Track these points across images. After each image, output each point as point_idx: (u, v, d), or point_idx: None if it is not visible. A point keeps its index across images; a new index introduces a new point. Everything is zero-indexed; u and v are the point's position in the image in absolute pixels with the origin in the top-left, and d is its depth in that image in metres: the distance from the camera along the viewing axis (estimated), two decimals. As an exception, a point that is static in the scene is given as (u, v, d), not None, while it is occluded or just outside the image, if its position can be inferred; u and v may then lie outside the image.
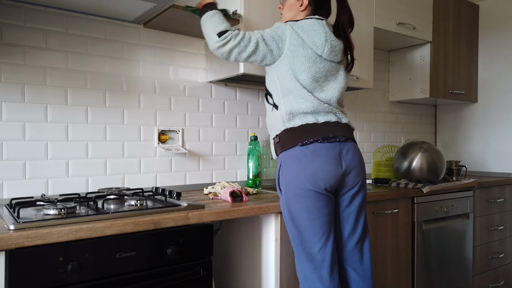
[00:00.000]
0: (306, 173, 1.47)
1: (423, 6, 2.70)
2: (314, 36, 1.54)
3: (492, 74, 3.08)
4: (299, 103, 1.52)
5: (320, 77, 1.56)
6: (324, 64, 1.56)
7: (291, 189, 1.49)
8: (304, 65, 1.52)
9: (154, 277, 1.33)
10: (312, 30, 1.54)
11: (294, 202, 1.49)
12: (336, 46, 1.59)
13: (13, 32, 1.64)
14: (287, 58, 1.53)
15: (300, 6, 1.63)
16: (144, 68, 1.97)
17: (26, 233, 1.10)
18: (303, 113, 1.53)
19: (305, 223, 1.48)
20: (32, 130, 1.68)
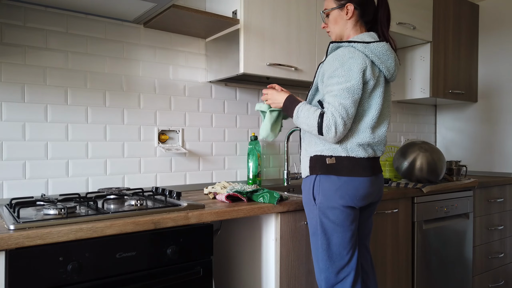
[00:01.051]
0: (347, 188, 1.47)
1: (423, 6, 2.70)
2: (387, 61, 1.47)
3: (492, 74, 3.08)
4: (361, 135, 1.48)
5: (384, 107, 1.53)
6: (387, 87, 1.55)
7: (330, 202, 1.48)
8: (377, 99, 1.47)
9: (154, 277, 1.33)
10: (385, 55, 1.46)
11: (331, 215, 1.48)
12: (396, 65, 1.53)
13: (13, 32, 1.64)
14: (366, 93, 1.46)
15: (346, 14, 1.54)
16: (144, 68, 1.97)
17: (26, 233, 1.10)
18: (362, 146, 1.49)
19: (338, 235, 1.49)
20: (32, 130, 1.68)
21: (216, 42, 2.07)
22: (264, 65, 1.93)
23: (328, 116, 1.40)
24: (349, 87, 1.39)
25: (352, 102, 1.40)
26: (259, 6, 1.92)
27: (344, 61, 1.42)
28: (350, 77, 1.40)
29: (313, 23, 2.13)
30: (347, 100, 1.39)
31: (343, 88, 1.39)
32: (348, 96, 1.39)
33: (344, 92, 1.39)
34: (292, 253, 1.69)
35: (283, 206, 1.64)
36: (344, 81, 1.40)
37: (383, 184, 1.65)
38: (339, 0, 1.55)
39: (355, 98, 1.40)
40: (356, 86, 1.40)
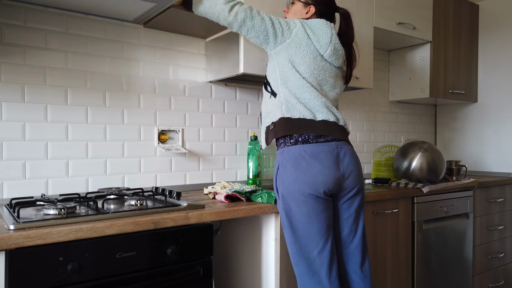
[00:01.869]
0: (305, 177, 1.46)
1: (423, 6, 2.70)
2: (320, 35, 1.57)
3: (492, 74, 3.08)
4: (298, 92, 1.53)
5: (319, 75, 1.57)
6: (324, 63, 1.58)
7: (290, 193, 1.48)
8: (304, 59, 1.55)
9: (154, 277, 1.33)
10: (320, 29, 1.57)
11: (293, 206, 1.48)
12: (339, 50, 1.62)
13: (13, 32, 1.64)
14: (289, 49, 1.55)
15: (306, 13, 1.67)
16: (144, 68, 1.97)
17: (26, 233, 1.10)
18: (301, 104, 1.53)
19: (303, 227, 1.47)
20: (32, 130, 1.68)
21: (216, 42, 2.07)
22: (264, 65, 1.93)
23: (243, 4, 1.56)
24: (277, 17, 1.59)
25: (267, 19, 1.55)
26: (259, 6, 1.92)
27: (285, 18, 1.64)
28: (283, 20, 1.59)
29: (313, 23, 2.12)
30: (267, 15, 1.57)
31: (271, 17, 1.58)
32: (269, 16, 1.57)
33: (267, 16, 1.58)
34: (292, 253, 1.69)
35: (283, 206, 1.64)
36: (276, 17, 1.60)
37: (358, 162, 1.58)
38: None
39: (271, 23, 1.54)
40: (282, 23, 1.56)
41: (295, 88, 1.53)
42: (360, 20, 2.33)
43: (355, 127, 2.88)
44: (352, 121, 2.86)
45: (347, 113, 2.82)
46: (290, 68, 1.54)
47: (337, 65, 1.61)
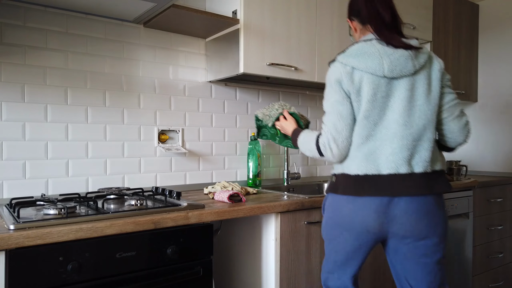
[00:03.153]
0: (341, 208, 1.41)
1: (423, 6, 2.70)
2: (366, 60, 1.33)
3: (492, 74, 3.08)
4: None
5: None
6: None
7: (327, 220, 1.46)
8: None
9: (154, 277, 1.33)
10: (361, 54, 1.34)
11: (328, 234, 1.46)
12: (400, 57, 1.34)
13: (13, 32, 1.64)
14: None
15: (355, 30, 1.52)
16: (144, 68, 1.97)
17: (26, 233, 1.10)
18: None
19: (329, 252, 1.47)
20: (32, 130, 1.68)
21: (216, 42, 2.07)
22: (264, 65, 1.94)
23: (322, 136, 1.39)
24: (332, 102, 1.36)
25: (339, 117, 1.34)
26: (259, 6, 1.92)
27: (327, 79, 1.41)
28: (331, 92, 1.38)
29: (313, 23, 2.13)
30: (334, 116, 1.35)
31: (329, 105, 1.38)
32: (333, 112, 1.35)
33: (330, 108, 1.37)
34: (292, 253, 1.69)
35: (283, 206, 1.64)
36: (328, 98, 1.39)
37: (426, 215, 1.34)
38: (348, 18, 1.53)
39: (340, 111, 1.34)
40: (338, 99, 1.35)
41: None
42: (360, 20, 2.33)
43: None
44: (352, 121, 2.86)
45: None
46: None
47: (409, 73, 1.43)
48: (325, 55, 2.18)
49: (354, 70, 1.34)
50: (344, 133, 1.34)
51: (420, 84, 1.35)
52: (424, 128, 1.34)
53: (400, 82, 1.33)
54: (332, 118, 1.36)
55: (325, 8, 2.18)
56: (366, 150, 1.34)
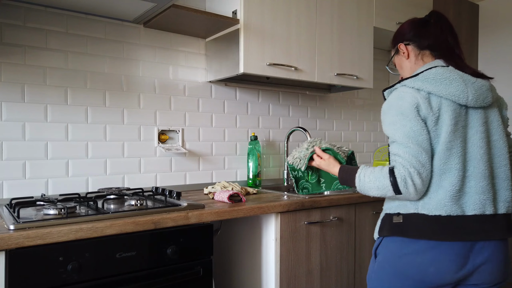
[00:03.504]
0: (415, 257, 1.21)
1: (423, 6, 2.70)
2: (448, 86, 1.21)
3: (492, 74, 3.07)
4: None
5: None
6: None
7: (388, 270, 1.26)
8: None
9: (154, 277, 1.33)
10: (442, 79, 1.22)
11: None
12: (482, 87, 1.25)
13: (13, 32, 1.64)
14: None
15: (403, 54, 1.40)
16: (144, 68, 1.97)
17: (26, 233, 1.10)
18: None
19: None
20: (32, 130, 1.68)
21: (216, 42, 2.07)
22: (264, 65, 1.94)
23: (400, 169, 1.17)
24: (408, 131, 1.19)
25: (419, 147, 1.17)
26: (259, 6, 1.92)
27: (394, 104, 1.24)
28: (403, 119, 1.20)
29: (313, 23, 2.13)
30: (413, 147, 1.17)
31: (404, 134, 1.19)
32: (411, 142, 1.18)
33: (405, 138, 1.19)
34: (292, 253, 1.69)
35: (283, 206, 1.64)
36: (398, 127, 1.21)
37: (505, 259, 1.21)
38: (393, 46, 1.43)
39: (420, 142, 1.18)
40: (416, 128, 1.18)
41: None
42: (360, 20, 2.34)
43: (355, 127, 2.88)
44: (352, 121, 2.86)
45: (347, 113, 2.83)
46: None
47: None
48: (325, 55, 2.18)
49: (431, 96, 1.21)
50: (428, 166, 1.17)
51: (494, 119, 1.26)
52: (503, 165, 1.24)
53: (477, 113, 1.23)
54: (412, 150, 1.17)
55: (325, 8, 2.18)
56: (449, 186, 1.18)
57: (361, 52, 2.35)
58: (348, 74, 2.27)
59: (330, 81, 2.20)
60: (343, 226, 1.88)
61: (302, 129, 2.27)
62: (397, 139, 1.21)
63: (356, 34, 2.32)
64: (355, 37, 2.31)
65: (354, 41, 2.31)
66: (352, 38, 2.30)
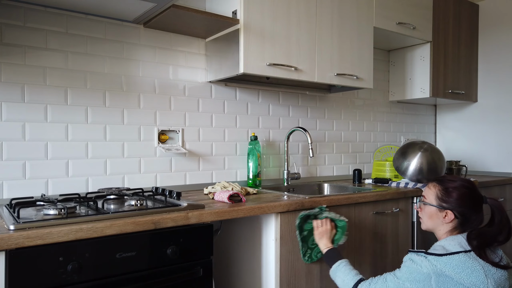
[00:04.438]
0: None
1: (423, 6, 2.70)
2: (466, 277, 1.28)
3: (492, 74, 3.08)
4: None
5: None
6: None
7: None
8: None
9: (154, 277, 1.33)
10: (459, 269, 1.28)
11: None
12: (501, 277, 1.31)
13: (13, 32, 1.64)
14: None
15: (444, 217, 1.43)
16: (144, 68, 1.97)
17: (26, 233, 1.10)
18: None
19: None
20: (32, 130, 1.68)
21: (216, 42, 2.07)
22: (264, 65, 1.94)
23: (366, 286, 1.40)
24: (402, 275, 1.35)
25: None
26: (259, 6, 1.92)
27: (411, 267, 1.35)
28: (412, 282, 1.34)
29: (313, 23, 2.13)
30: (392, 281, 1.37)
31: (395, 275, 1.38)
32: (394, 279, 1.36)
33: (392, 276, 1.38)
34: (292, 253, 1.69)
35: (283, 206, 1.64)
36: (402, 282, 1.36)
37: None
38: (441, 202, 1.44)
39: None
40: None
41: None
42: (360, 20, 2.33)
43: (355, 127, 2.88)
44: (352, 121, 2.86)
45: (347, 113, 2.83)
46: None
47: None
48: (325, 55, 2.18)
49: (450, 280, 1.29)
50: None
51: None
52: None
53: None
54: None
55: (325, 8, 2.18)
56: None
57: (361, 52, 2.35)
58: (348, 74, 2.27)
59: (330, 81, 2.20)
60: (343, 226, 1.88)
61: (302, 129, 2.27)
62: (401, 277, 1.36)
63: (356, 34, 2.32)
64: (355, 37, 2.31)
65: (354, 41, 2.31)
66: (352, 38, 2.30)
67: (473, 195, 1.43)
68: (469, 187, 1.44)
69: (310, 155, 2.22)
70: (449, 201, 1.43)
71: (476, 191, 1.44)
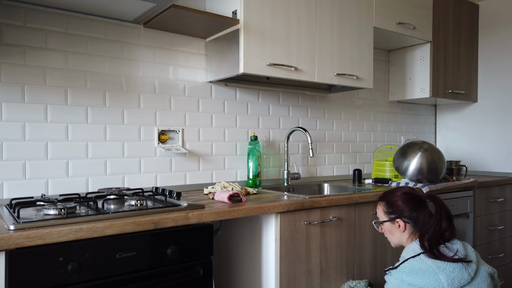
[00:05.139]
0: None
1: (423, 6, 2.70)
2: (423, 278, 1.40)
3: (492, 74, 3.08)
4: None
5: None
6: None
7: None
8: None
9: (154, 277, 1.33)
10: (419, 272, 1.41)
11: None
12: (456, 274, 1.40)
13: (13, 32, 1.64)
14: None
15: (399, 227, 1.58)
16: (144, 68, 1.97)
17: (26, 233, 1.10)
18: None
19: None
20: (32, 130, 1.68)
21: (216, 42, 2.07)
22: (264, 65, 1.94)
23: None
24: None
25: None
26: (259, 6, 1.92)
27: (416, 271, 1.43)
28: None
29: (313, 23, 2.13)
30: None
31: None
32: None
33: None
34: (292, 253, 1.69)
35: (283, 206, 1.64)
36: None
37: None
38: (389, 214, 1.58)
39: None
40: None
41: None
42: (360, 20, 2.34)
43: (355, 127, 2.88)
44: (352, 121, 2.86)
45: (347, 113, 2.83)
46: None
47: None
48: (325, 55, 2.18)
49: (410, 286, 1.40)
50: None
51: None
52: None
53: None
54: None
55: (325, 8, 2.18)
56: None
57: (361, 52, 2.35)
58: (348, 74, 2.27)
59: (330, 81, 2.20)
60: (343, 226, 1.88)
61: (302, 129, 2.27)
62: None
63: (356, 34, 2.32)
64: (355, 37, 2.31)
65: (354, 41, 2.31)
66: (352, 38, 2.30)
67: (412, 198, 1.55)
68: (407, 192, 1.58)
69: (310, 155, 2.23)
70: (394, 211, 1.57)
71: (414, 194, 1.56)
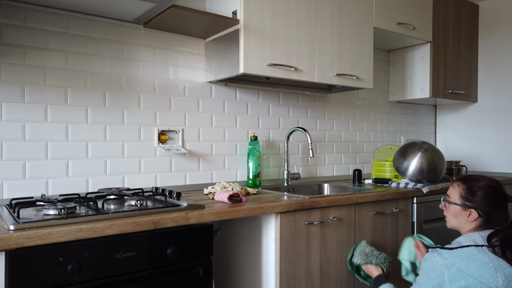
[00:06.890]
0: None
1: (423, 6, 2.70)
2: (475, 269, 1.31)
3: (492, 74, 3.08)
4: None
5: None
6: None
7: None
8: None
9: (154, 277, 1.33)
10: (469, 261, 1.33)
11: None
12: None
13: (13, 32, 1.64)
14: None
15: (468, 216, 1.47)
16: (144, 68, 1.97)
17: (26, 233, 1.10)
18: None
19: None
20: (32, 130, 1.68)
21: (216, 42, 2.07)
22: (264, 65, 1.94)
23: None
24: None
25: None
26: (259, 6, 1.92)
27: (426, 266, 1.40)
28: (426, 283, 1.38)
29: (313, 23, 2.13)
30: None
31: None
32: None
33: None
34: (292, 253, 1.69)
35: (283, 207, 1.64)
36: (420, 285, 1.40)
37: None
38: (465, 201, 1.48)
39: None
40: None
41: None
42: (360, 20, 2.34)
43: (355, 127, 2.88)
44: (352, 121, 2.86)
45: (347, 113, 2.83)
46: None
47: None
48: (325, 55, 2.18)
49: (461, 272, 1.32)
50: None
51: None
52: None
53: None
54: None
55: (325, 9, 2.18)
56: None
57: (361, 52, 2.35)
58: (348, 74, 2.27)
59: (330, 81, 2.20)
60: (343, 226, 1.88)
61: (302, 129, 2.27)
62: (419, 282, 1.40)
63: (356, 34, 2.32)
64: (355, 37, 2.31)
65: (354, 41, 2.31)
66: (352, 38, 2.30)
67: (497, 194, 1.47)
68: (493, 186, 1.49)
69: (310, 155, 2.23)
70: (473, 200, 1.47)
71: (501, 190, 1.48)
